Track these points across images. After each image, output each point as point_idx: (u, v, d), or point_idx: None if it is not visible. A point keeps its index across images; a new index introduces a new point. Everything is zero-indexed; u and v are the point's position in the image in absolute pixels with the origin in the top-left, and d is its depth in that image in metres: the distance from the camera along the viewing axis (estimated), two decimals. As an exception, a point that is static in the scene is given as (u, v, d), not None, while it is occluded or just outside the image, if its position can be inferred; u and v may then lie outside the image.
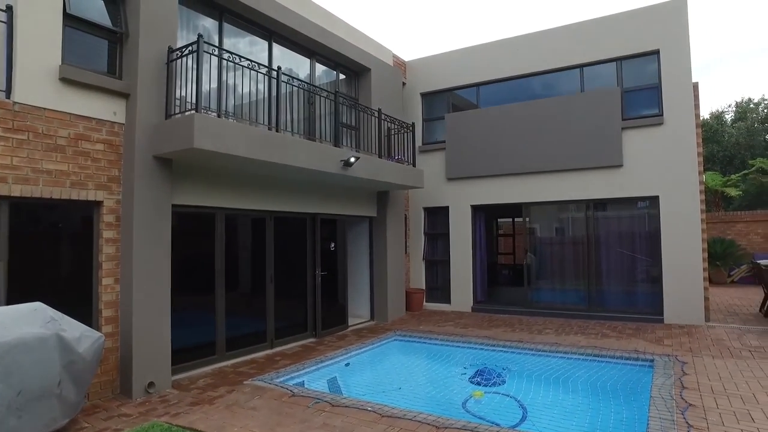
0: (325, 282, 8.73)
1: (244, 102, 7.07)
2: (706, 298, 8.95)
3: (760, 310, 9.87)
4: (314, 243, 8.55)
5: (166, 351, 5.70)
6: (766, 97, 26.12)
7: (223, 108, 6.02)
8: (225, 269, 6.93)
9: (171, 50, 5.81)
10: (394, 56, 11.48)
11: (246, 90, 6.84)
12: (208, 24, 7.10)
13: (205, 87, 5.83)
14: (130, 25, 5.65)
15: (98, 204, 5.40)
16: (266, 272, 7.66)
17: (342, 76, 9.91)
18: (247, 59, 6.19)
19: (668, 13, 9.37)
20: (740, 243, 15.77)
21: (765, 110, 25.53)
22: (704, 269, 8.93)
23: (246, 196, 7.20)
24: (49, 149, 4.92)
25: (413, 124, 10.00)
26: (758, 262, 11.65)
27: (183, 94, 5.93)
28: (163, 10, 5.84)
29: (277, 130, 6.61)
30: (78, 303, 5.23)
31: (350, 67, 9.91)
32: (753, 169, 19.32)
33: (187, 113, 5.60)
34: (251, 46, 7.85)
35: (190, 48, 5.62)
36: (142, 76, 5.55)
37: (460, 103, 11.95)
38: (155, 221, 5.64)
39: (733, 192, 18.07)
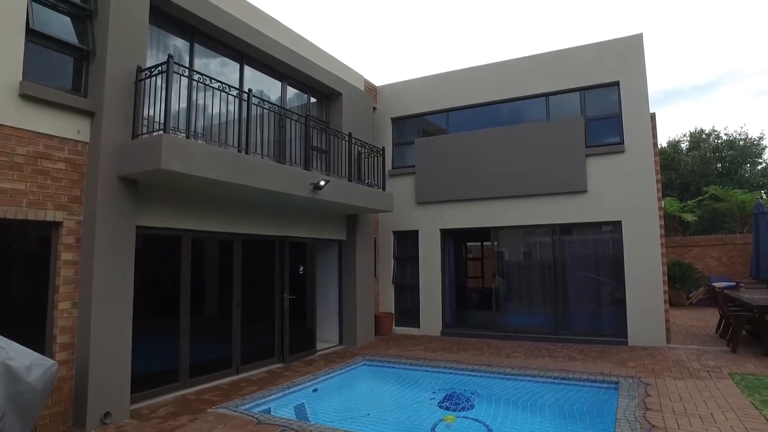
0: (294, 306, 8.58)
1: (213, 123, 7.01)
2: (667, 320, 9.21)
3: (716, 331, 10.23)
4: (282, 266, 8.43)
5: (126, 378, 5.45)
6: (716, 129, 27.64)
7: (193, 129, 5.94)
8: (190, 293, 6.74)
9: (140, 69, 5.73)
10: (365, 81, 11.64)
11: (216, 111, 6.78)
12: (179, 44, 7.05)
13: (174, 107, 5.75)
14: (97, 43, 5.56)
15: (57, 225, 5.19)
16: (233, 296, 7.48)
17: (313, 100, 9.97)
18: (218, 81, 6.16)
19: (626, 47, 9.87)
20: (697, 266, 16.41)
21: (715, 141, 26.95)
22: (665, 292, 9.23)
23: (214, 219, 7.07)
24: (4, 167, 4.72)
25: (383, 148, 10.10)
26: (714, 284, 12.16)
27: (151, 113, 5.83)
28: (133, 29, 5.78)
29: (246, 153, 6.55)
30: (31, 329, 4.96)
31: (321, 91, 9.99)
32: (706, 195, 20.26)
33: (155, 133, 5.50)
34: (222, 68, 7.83)
35: (159, 68, 5.56)
36: (108, 94, 5.43)
37: (430, 128, 12.16)
38: (118, 243, 5.46)
39: (689, 217, 18.85)
